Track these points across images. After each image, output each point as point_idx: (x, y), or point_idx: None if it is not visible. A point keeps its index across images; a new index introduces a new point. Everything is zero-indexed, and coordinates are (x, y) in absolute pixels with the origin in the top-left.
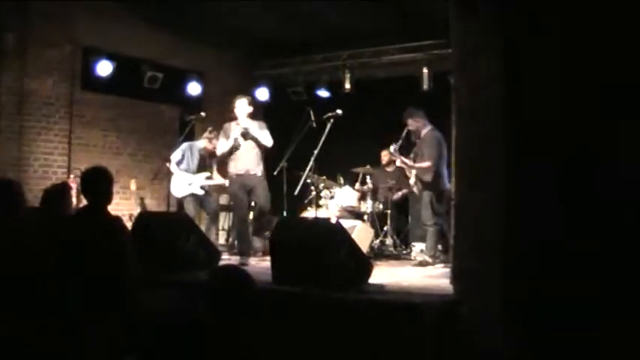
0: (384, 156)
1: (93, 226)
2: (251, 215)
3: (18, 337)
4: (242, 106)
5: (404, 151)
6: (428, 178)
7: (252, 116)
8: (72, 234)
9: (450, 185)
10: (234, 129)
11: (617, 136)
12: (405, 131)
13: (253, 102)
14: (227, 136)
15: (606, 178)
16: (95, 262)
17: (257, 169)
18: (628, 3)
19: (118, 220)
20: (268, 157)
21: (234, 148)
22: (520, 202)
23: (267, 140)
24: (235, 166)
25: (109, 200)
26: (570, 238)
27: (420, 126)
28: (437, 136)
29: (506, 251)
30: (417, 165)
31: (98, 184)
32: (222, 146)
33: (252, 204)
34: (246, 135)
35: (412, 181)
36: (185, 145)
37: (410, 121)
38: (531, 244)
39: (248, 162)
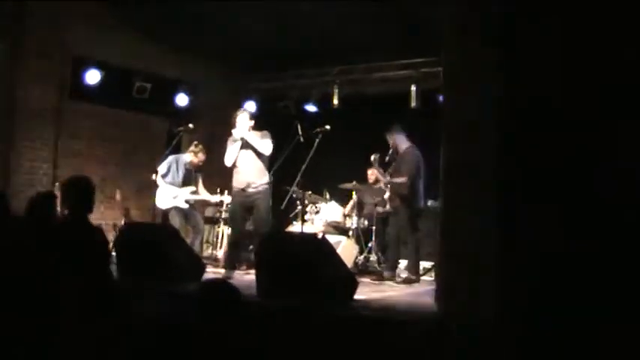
0: (371, 174)
1: (73, 235)
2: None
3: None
4: (243, 121)
5: (388, 166)
6: (404, 192)
7: (252, 129)
8: (53, 242)
9: (424, 204)
10: (235, 134)
11: (617, 141)
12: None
13: (253, 116)
14: (232, 143)
15: (606, 182)
16: (76, 271)
17: (259, 180)
18: (622, 8)
19: (98, 229)
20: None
21: (238, 149)
22: (514, 222)
23: (264, 147)
24: (237, 180)
25: (89, 209)
26: (569, 248)
27: (398, 142)
28: (415, 153)
29: (500, 268)
30: (392, 180)
31: (78, 193)
32: (228, 154)
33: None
34: (244, 143)
35: (387, 195)
36: (171, 157)
37: (388, 137)
38: (527, 258)
39: (249, 174)
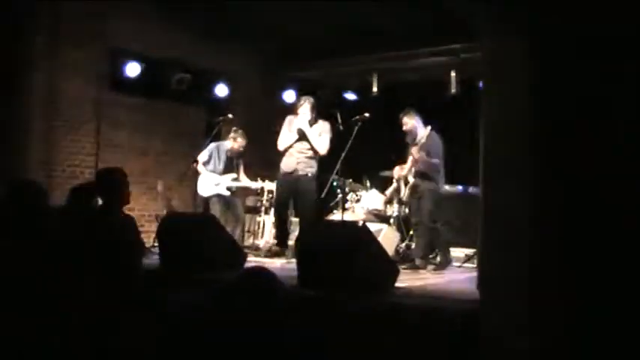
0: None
1: (104, 225)
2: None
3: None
4: (304, 111)
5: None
6: (435, 175)
7: (316, 120)
8: (85, 233)
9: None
10: (296, 122)
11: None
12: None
13: (316, 106)
14: (289, 129)
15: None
16: (106, 261)
17: (307, 169)
18: None
19: (129, 219)
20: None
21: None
22: (550, 211)
23: (321, 146)
24: (285, 163)
25: (123, 200)
26: (603, 240)
27: (417, 126)
28: (438, 136)
29: (534, 258)
30: (429, 160)
31: (111, 184)
32: (282, 138)
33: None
34: (301, 135)
35: (411, 179)
36: (212, 145)
37: (406, 120)
38: (561, 251)
39: (297, 162)
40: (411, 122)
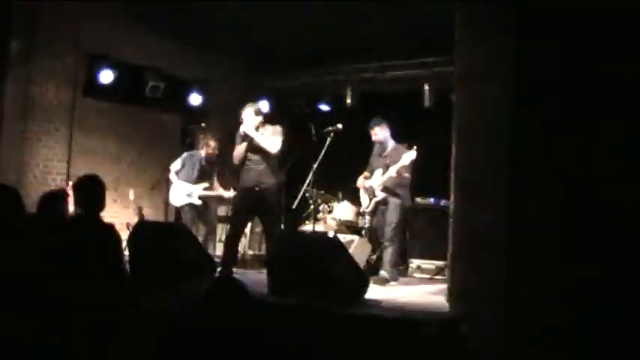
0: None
1: (86, 233)
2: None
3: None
4: (248, 116)
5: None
6: (401, 191)
7: (264, 124)
8: (65, 241)
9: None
10: (240, 129)
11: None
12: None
13: (261, 111)
14: (239, 141)
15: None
16: (89, 269)
17: (269, 180)
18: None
19: (111, 227)
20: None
21: (244, 147)
22: (523, 221)
23: (270, 145)
24: (244, 179)
25: (101, 208)
26: (577, 253)
27: (387, 137)
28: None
29: (510, 269)
30: (402, 173)
31: (91, 192)
32: (235, 151)
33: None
34: (247, 140)
35: (379, 193)
36: (185, 154)
37: (377, 130)
38: (536, 262)
39: (258, 174)
40: (382, 133)
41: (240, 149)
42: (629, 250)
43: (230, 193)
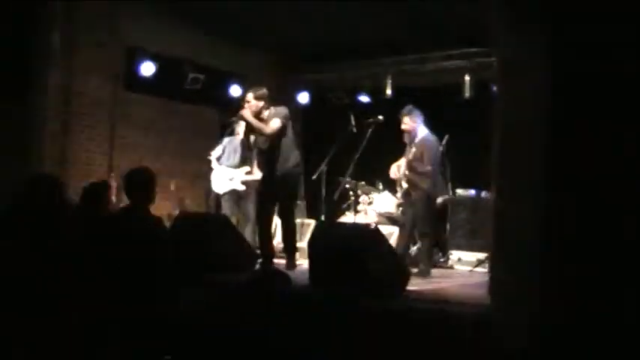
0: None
1: (134, 225)
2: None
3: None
4: (248, 98)
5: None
6: (425, 184)
7: (268, 107)
8: (114, 232)
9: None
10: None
11: None
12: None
13: (264, 95)
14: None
15: None
16: (135, 262)
17: (283, 166)
18: None
19: (159, 220)
20: (308, 161)
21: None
22: (562, 216)
23: (265, 127)
24: (261, 167)
25: (151, 201)
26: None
27: (416, 127)
28: (436, 140)
29: (545, 265)
30: (417, 168)
31: (143, 185)
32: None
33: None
34: (244, 122)
35: (404, 184)
36: (226, 139)
37: (406, 120)
38: (571, 260)
39: (271, 161)
40: (411, 123)
41: (248, 137)
42: None
43: None
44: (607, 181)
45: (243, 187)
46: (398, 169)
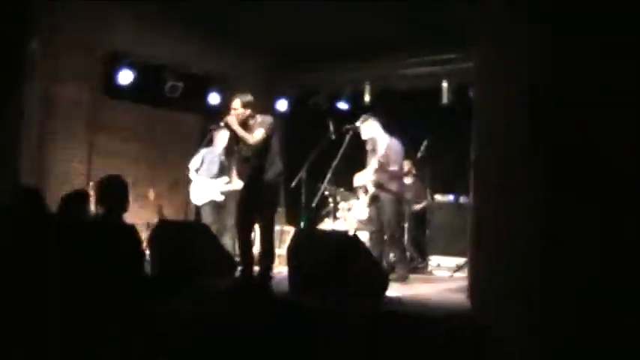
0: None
1: (108, 234)
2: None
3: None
4: (235, 106)
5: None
6: (394, 186)
7: (253, 116)
8: (87, 241)
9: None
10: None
11: None
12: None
13: (251, 103)
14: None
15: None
16: (110, 270)
17: (265, 175)
18: None
19: (132, 228)
20: (287, 167)
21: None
22: (540, 221)
23: (250, 136)
24: (242, 175)
25: (124, 209)
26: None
27: (376, 134)
28: (398, 143)
29: (527, 267)
30: (390, 168)
31: (114, 193)
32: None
33: None
34: (229, 129)
35: (371, 188)
36: (204, 150)
37: (364, 130)
38: (552, 261)
39: (253, 169)
40: (370, 131)
41: (229, 142)
42: None
43: None
44: (587, 182)
45: (222, 198)
46: (362, 178)
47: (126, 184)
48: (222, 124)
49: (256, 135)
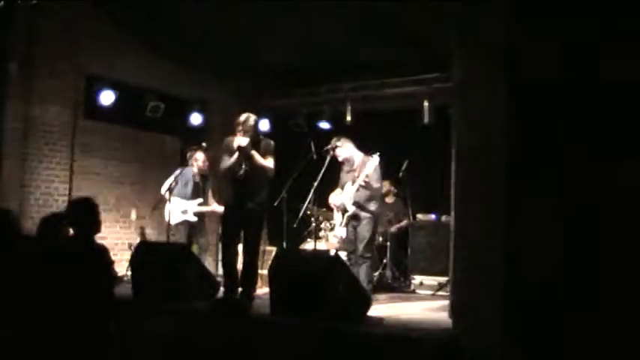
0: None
1: (77, 255)
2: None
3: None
4: (247, 127)
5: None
6: (372, 206)
7: (258, 137)
8: (54, 263)
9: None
10: (236, 141)
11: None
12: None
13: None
14: (229, 151)
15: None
16: (79, 291)
17: (256, 197)
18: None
19: (102, 249)
20: (269, 186)
21: (237, 161)
22: (521, 238)
23: (267, 166)
24: (232, 196)
25: (95, 230)
26: (573, 270)
27: (352, 154)
28: (375, 160)
29: (507, 286)
30: (374, 186)
31: (84, 214)
32: (223, 162)
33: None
34: (244, 153)
35: (351, 209)
36: (177, 171)
37: (340, 151)
38: (532, 278)
39: (245, 190)
40: (345, 152)
41: (230, 162)
42: (629, 264)
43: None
44: (569, 196)
45: (195, 219)
46: (340, 197)
47: (96, 205)
48: (230, 145)
49: (270, 164)
